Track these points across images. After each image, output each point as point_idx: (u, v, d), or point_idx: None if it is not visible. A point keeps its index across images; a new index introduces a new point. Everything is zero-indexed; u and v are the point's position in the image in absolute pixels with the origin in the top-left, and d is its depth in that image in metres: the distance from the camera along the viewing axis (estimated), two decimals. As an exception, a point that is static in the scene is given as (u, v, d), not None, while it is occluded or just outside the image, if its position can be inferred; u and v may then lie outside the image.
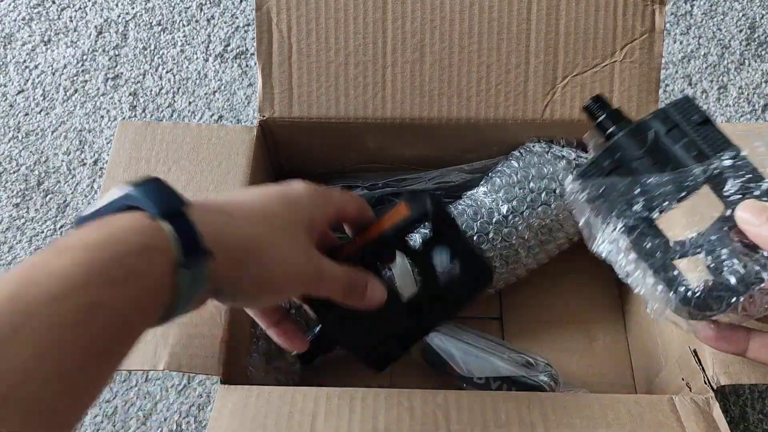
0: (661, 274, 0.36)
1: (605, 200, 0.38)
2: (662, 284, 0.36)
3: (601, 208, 0.38)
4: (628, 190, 0.38)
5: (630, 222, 0.37)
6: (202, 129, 0.60)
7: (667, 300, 0.36)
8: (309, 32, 0.60)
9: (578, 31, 0.59)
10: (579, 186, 0.39)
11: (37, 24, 0.89)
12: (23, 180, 0.78)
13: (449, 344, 0.61)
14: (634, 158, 0.39)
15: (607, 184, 0.38)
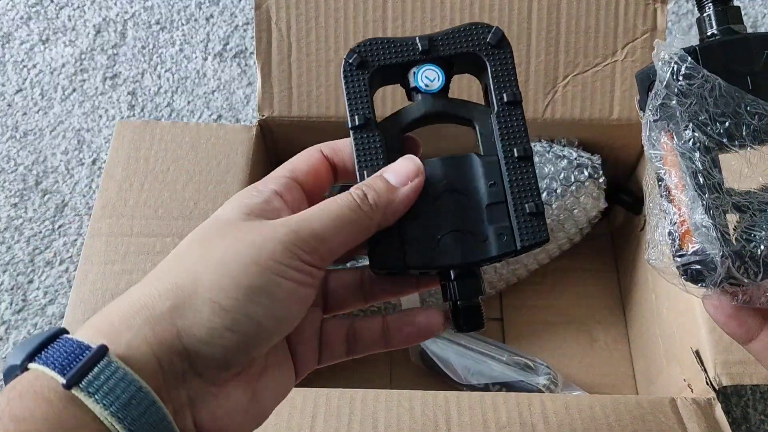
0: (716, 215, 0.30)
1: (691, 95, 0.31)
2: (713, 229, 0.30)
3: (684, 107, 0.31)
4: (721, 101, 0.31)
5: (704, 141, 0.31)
6: (201, 128, 0.60)
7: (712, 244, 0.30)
8: (308, 31, 0.60)
9: (579, 30, 0.59)
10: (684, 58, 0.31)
11: (35, 23, 0.89)
12: (21, 180, 0.77)
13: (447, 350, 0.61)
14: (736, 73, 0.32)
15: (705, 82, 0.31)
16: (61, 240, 0.74)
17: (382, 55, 0.35)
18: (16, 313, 0.70)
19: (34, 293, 0.71)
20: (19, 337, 0.68)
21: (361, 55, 0.35)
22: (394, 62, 0.35)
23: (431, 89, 0.35)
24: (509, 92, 0.34)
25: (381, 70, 0.35)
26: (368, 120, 0.34)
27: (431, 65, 0.35)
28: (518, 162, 0.33)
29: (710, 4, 0.33)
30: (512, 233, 0.33)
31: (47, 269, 0.72)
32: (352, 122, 0.34)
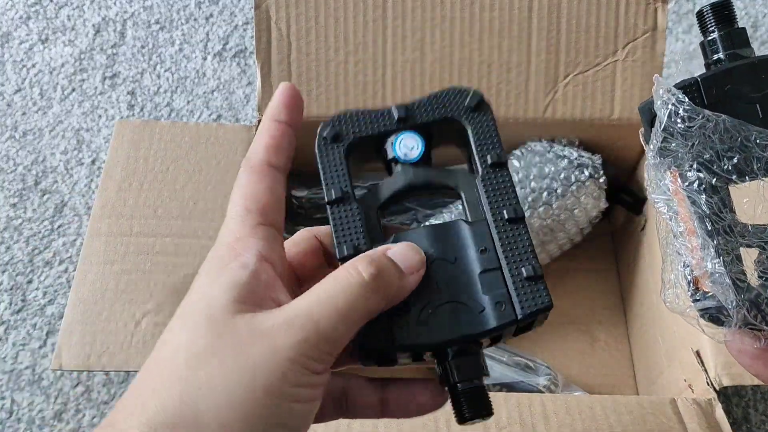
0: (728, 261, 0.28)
1: (692, 137, 0.29)
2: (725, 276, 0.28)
3: (687, 147, 0.29)
4: (726, 137, 0.29)
5: (711, 180, 0.29)
6: (201, 128, 0.59)
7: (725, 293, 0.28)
8: (308, 30, 0.59)
9: (580, 29, 0.59)
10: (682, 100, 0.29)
11: (34, 23, 0.88)
12: (20, 180, 0.77)
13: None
14: (745, 100, 0.30)
15: (706, 122, 0.29)
16: (60, 240, 0.73)
17: (356, 126, 0.33)
18: (16, 313, 0.70)
19: (33, 293, 0.71)
20: (18, 337, 0.68)
21: (335, 127, 0.33)
22: (370, 133, 0.33)
23: (411, 158, 0.32)
24: (493, 154, 0.32)
25: (357, 142, 0.33)
26: (345, 194, 0.32)
27: (410, 132, 0.33)
28: (509, 224, 0.31)
29: (714, 27, 0.32)
30: (511, 301, 0.29)
31: (46, 269, 0.72)
32: (329, 196, 0.32)
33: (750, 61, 0.31)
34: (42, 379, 0.66)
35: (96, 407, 0.65)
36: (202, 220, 0.55)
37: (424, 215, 0.64)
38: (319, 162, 0.33)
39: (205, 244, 0.54)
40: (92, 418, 0.64)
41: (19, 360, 0.67)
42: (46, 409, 0.65)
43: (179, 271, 0.53)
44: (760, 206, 0.29)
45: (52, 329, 0.69)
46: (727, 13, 0.32)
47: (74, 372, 0.66)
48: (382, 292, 0.28)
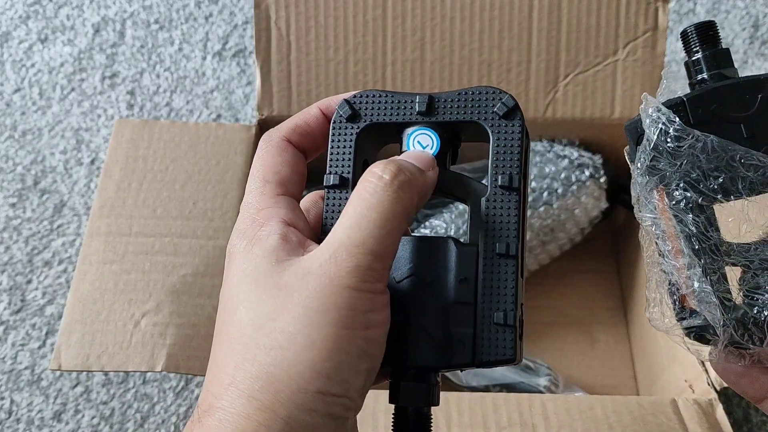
0: (714, 280, 0.28)
1: (680, 157, 0.29)
2: (712, 295, 0.28)
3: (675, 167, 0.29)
4: (713, 156, 0.28)
5: (697, 199, 0.28)
6: (200, 128, 0.59)
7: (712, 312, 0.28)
8: (308, 30, 0.59)
9: (580, 29, 0.59)
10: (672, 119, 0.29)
11: (33, 22, 0.88)
12: (20, 179, 0.77)
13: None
14: (730, 120, 0.30)
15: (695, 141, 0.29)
16: (59, 240, 0.73)
17: (376, 109, 0.31)
18: (15, 313, 0.69)
19: (32, 293, 0.70)
20: (17, 337, 0.68)
21: (354, 107, 0.31)
22: (388, 120, 0.31)
23: None
24: (505, 175, 0.29)
25: (372, 126, 0.31)
26: (344, 180, 0.30)
27: (426, 129, 0.31)
28: (498, 259, 0.28)
29: (699, 48, 0.32)
30: (472, 343, 0.28)
31: (46, 269, 0.72)
32: (327, 180, 0.31)
33: (734, 81, 0.31)
34: (41, 379, 0.66)
35: (95, 407, 0.65)
36: (202, 220, 0.55)
37: (423, 215, 0.64)
38: (330, 140, 0.31)
39: (204, 244, 0.54)
40: (91, 419, 0.64)
41: (19, 360, 0.67)
42: (45, 410, 0.65)
43: (178, 271, 0.53)
44: (744, 225, 0.29)
45: (52, 329, 0.68)
46: (712, 33, 0.32)
47: (73, 372, 0.66)
48: (408, 188, 0.27)
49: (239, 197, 0.56)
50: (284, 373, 0.24)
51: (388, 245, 0.26)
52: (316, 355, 0.24)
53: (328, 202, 0.31)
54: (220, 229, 0.54)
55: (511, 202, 0.29)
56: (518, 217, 0.29)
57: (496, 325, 0.28)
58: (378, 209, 0.26)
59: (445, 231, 0.61)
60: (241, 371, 0.25)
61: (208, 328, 0.50)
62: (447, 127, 0.31)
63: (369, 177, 0.27)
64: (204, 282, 0.52)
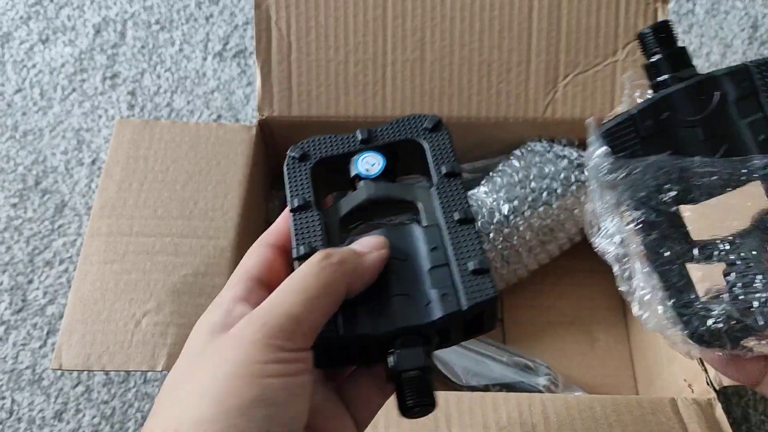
0: (675, 294, 0.28)
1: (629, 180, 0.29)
2: (671, 311, 0.28)
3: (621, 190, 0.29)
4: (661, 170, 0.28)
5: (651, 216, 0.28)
6: (201, 128, 0.59)
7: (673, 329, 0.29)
8: (308, 30, 0.60)
9: (580, 29, 0.59)
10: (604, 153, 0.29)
11: (34, 23, 0.88)
12: (21, 180, 0.77)
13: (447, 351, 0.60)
14: (684, 124, 0.29)
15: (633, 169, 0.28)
16: (60, 240, 0.73)
17: (323, 148, 0.35)
18: (16, 313, 0.70)
19: (33, 293, 0.71)
20: (18, 337, 0.68)
21: (303, 149, 0.35)
22: (335, 153, 0.35)
23: (372, 174, 0.34)
24: (447, 165, 0.34)
25: (322, 162, 0.35)
26: (307, 202, 0.33)
27: (371, 152, 0.35)
28: (458, 225, 0.32)
29: (656, 50, 0.32)
30: (456, 293, 0.30)
31: (47, 269, 0.72)
32: (291, 205, 0.33)
33: (688, 84, 0.30)
34: (42, 378, 0.66)
35: (96, 407, 0.65)
36: (202, 220, 0.55)
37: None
38: (286, 178, 0.35)
39: (204, 244, 0.54)
40: (92, 418, 0.64)
41: (20, 360, 0.67)
42: (46, 409, 0.65)
43: (179, 270, 0.53)
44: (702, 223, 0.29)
45: (53, 329, 0.69)
46: (666, 35, 0.32)
47: (74, 372, 0.66)
48: (334, 266, 0.29)
49: (240, 197, 0.56)
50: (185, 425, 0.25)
51: (306, 311, 0.28)
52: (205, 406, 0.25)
53: (295, 222, 0.33)
54: (221, 229, 0.55)
55: (457, 183, 0.33)
56: (465, 193, 0.33)
57: (473, 273, 0.30)
58: (299, 279, 0.28)
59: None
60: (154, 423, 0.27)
61: (208, 327, 0.50)
62: (388, 148, 0.35)
63: (305, 263, 0.29)
64: (205, 282, 0.52)
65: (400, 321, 0.30)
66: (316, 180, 0.35)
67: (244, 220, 0.56)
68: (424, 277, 0.31)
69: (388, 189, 0.34)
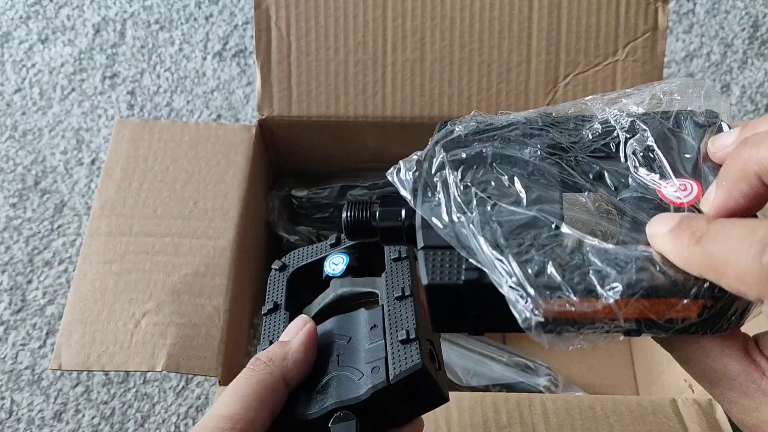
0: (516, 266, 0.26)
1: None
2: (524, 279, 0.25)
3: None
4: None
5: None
6: (201, 128, 0.59)
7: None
8: (308, 30, 0.59)
9: (580, 29, 0.59)
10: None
11: (34, 22, 0.88)
12: (20, 180, 0.77)
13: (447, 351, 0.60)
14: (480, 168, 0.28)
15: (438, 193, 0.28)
16: (60, 240, 0.73)
17: (299, 257, 0.39)
18: (15, 313, 0.69)
19: (33, 293, 0.70)
20: (18, 337, 0.68)
21: (283, 261, 0.39)
22: (307, 261, 0.39)
23: (337, 272, 0.37)
24: (395, 251, 0.36)
25: (300, 270, 0.38)
26: (276, 305, 0.37)
27: (337, 253, 0.38)
28: (397, 302, 0.34)
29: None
30: (385, 365, 0.31)
31: (46, 269, 0.72)
32: (264, 309, 0.37)
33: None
34: (42, 379, 0.66)
35: (96, 407, 0.65)
36: (202, 220, 0.55)
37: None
38: (267, 288, 0.38)
39: (204, 244, 0.54)
40: (92, 418, 0.64)
41: (19, 360, 0.67)
42: (45, 409, 0.65)
43: (179, 270, 0.53)
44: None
45: (52, 329, 0.69)
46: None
47: (74, 372, 0.66)
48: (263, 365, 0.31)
49: (239, 197, 0.56)
50: None
51: (239, 409, 0.30)
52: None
53: (265, 324, 0.36)
54: (221, 229, 0.55)
55: (403, 266, 0.36)
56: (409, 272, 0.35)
57: (400, 343, 0.31)
58: (234, 384, 0.31)
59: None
60: None
61: (208, 328, 0.50)
62: (352, 247, 0.38)
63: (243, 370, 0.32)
64: (204, 282, 0.52)
65: (332, 399, 0.31)
66: (293, 286, 0.38)
67: (243, 220, 0.56)
68: (362, 354, 0.32)
69: (353, 283, 0.36)
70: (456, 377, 0.59)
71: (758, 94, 0.83)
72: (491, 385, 0.59)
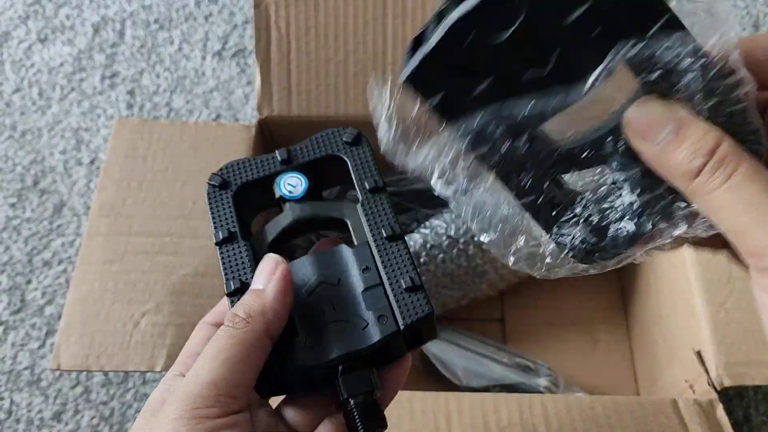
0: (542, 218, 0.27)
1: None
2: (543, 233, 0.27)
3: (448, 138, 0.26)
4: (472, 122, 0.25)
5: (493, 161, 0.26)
6: (200, 127, 0.59)
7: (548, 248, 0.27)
8: (308, 30, 0.59)
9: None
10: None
11: (33, 22, 0.88)
12: (19, 179, 0.77)
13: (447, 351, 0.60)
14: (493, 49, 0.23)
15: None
16: (59, 240, 0.73)
17: (243, 172, 0.35)
18: (14, 313, 0.69)
19: (32, 294, 0.70)
20: (17, 338, 0.68)
21: (223, 176, 0.35)
22: (255, 177, 0.35)
23: (296, 195, 0.34)
24: (370, 180, 0.34)
25: (244, 187, 0.34)
26: (232, 234, 0.33)
27: (293, 172, 0.34)
28: (388, 242, 0.32)
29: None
30: (393, 313, 0.30)
31: (45, 269, 0.72)
32: (216, 237, 0.33)
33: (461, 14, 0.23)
34: (41, 379, 0.66)
35: (95, 408, 0.65)
36: (202, 220, 0.55)
37: (424, 215, 0.64)
38: (209, 209, 0.34)
39: (204, 244, 0.54)
40: (91, 419, 0.64)
41: (18, 360, 0.67)
42: (45, 410, 0.65)
43: (178, 271, 0.52)
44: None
45: (51, 329, 0.68)
46: None
47: (73, 372, 0.66)
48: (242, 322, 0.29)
49: (239, 197, 0.56)
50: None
51: (225, 374, 0.27)
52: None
53: (222, 255, 0.33)
54: (220, 229, 0.54)
55: (382, 198, 0.33)
56: (391, 208, 0.33)
57: (406, 290, 0.30)
58: (212, 345, 0.28)
59: (445, 231, 0.61)
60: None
61: (207, 328, 0.50)
62: (310, 166, 0.35)
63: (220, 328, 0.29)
64: (204, 282, 0.52)
65: (340, 348, 0.30)
66: (240, 207, 0.34)
67: (243, 220, 0.56)
68: (358, 299, 0.31)
69: (315, 208, 0.34)
70: (456, 377, 0.59)
71: (758, 94, 0.83)
72: (491, 386, 0.59)
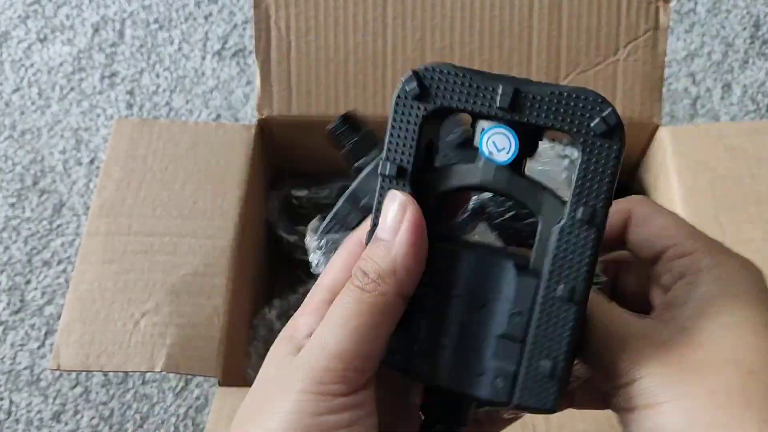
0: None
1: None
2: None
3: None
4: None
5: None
6: (200, 127, 0.59)
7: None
8: (308, 30, 0.59)
9: (581, 28, 0.59)
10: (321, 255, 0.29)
11: (33, 22, 0.88)
12: (19, 179, 0.77)
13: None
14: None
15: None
16: (58, 240, 0.73)
17: (449, 92, 0.26)
18: (14, 313, 0.69)
19: (31, 294, 0.70)
20: (16, 338, 0.68)
21: (425, 83, 0.26)
22: (461, 108, 0.26)
23: (497, 160, 0.26)
24: (587, 207, 0.25)
25: (441, 111, 0.26)
26: (402, 171, 0.26)
27: (504, 128, 0.26)
28: (558, 303, 0.25)
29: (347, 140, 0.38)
30: (512, 383, 0.26)
31: (45, 269, 0.72)
32: (383, 169, 0.26)
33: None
34: (40, 379, 0.66)
35: (95, 408, 0.65)
36: (202, 220, 0.55)
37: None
38: (391, 120, 0.27)
39: (204, 244, 0.54)
40: (90, 419, 0.64)
41: (18, 360, 0.67)
42: (44, 410, 0.65)
43: (178, 270, 0.52)
44: None
45: (51, 329, 0.68)
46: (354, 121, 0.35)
47: (73, 372, 0.66)
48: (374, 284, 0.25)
49: (239, 197, 0.56)
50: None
51: (354, 346, 0.24)
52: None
53: (381, 194, 0.26)
54: (220, 228, 0.54)
55: (588, 239, 0.25)
56: (591, 257, 0.25)
57: (541, 375, 0.25)
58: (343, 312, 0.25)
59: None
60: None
61: (207, 328, 0.50)
62: (529, 127, 0.26)
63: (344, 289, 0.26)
64: (204, 282, 0.52)
65: (447, 379, 0.26)
66: (425, 129, 0.26)
67: (243, 220, 0.56)
68: (490, 339, 0.26)
69: (513, 183, 0.26)
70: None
71: (759, 93, 0.83)
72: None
